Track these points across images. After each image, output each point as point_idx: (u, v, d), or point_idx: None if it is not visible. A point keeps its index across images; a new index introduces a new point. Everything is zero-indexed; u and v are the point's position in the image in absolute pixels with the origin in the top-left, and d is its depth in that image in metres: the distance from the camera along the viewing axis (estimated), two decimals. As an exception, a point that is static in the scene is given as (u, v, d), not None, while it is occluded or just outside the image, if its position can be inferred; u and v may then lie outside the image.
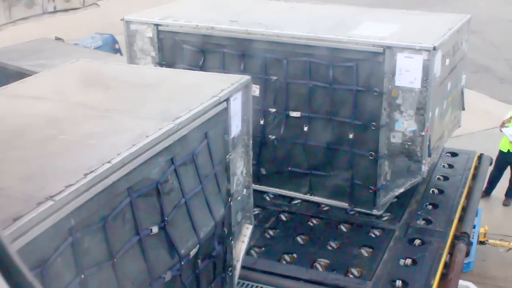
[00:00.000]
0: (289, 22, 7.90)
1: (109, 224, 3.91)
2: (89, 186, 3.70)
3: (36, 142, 4.28)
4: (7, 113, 4.84)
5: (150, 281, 4.38)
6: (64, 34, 16.32)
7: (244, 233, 6.02)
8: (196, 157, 4.89)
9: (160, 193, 4.43)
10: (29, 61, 11.71)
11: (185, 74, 6.46)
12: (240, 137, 5.69)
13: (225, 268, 5.59)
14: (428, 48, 6.90)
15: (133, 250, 4.20)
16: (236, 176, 5.71)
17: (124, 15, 8.21)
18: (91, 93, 5.26)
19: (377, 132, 7.35)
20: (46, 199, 3.45)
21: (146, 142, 4.22)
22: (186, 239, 4.82)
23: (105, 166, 3.85)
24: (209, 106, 4.98)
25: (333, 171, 7.79)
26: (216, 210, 5.25)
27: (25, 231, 3.25)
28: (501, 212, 11.67)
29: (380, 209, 7.73)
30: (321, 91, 7.48)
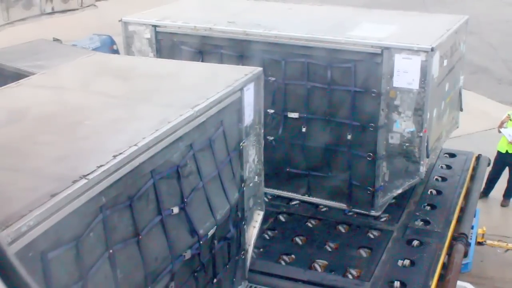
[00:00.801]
0: (287, 23, 7.90)
1: (135, 203, 4.19)
2: (118, 167, 3.97)
3: (64, 128, 4.58)
4: (33, 102, 5.12)
5: (171, 259, 4.65)
6: (62, 35, 16.29)
7: (255, 219, 6.29)
8: (213, 143, 5.17)
9: (180, 176, 4.71)
10: (26, 62, 11.66)
11: (199, 65, 6.66)
12: (253, 126, 5.96)
13: (239, 251, 5.86)
14: (426, 49, 6.91)
15: (156, 228, 4.47)
16: (249, 164, 5.96)
17: (122, 16, 8.20)
18: (111, 84, 5.59)
19: (375, 133, 7.36)
20: (80, 178, 3.71)
21: (168, 127, 4.51)
22: (204, 220, 5.11)
23: (132, 149, 4.13)
24: (224, 95, 5.25)
25: (331, 172, 7.80)
26: (231, 194, 5.54)
27: (62, 206, 3.49)
28: (499, 213, 11.66)
29: (379, 210, 7.73)
30: (319, 92, 7.49)
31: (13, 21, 12.74)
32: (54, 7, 13.37)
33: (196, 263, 5.08)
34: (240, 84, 5.50)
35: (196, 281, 5.12)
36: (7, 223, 3.22)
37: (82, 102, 5.11)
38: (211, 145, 5.16)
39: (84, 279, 3.75)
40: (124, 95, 5.28)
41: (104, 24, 19.49)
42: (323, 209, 8.00)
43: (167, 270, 4.64)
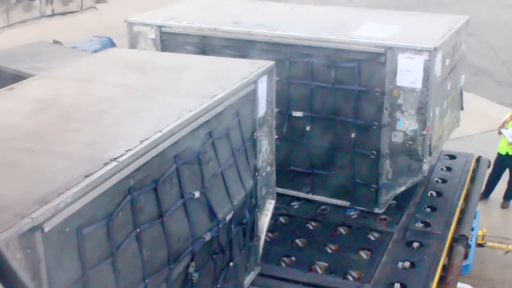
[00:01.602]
0: (291, 24, 7.97)
1: (160, 186, 4.49)
2: (145, 151, 4.26)
3: (90, 116, 4.87)
4: (58, 93, 5.43)
5: (192, 240, 4.94)
6: (62, 37, 16.30)
7: (267, 207, 6.54)
8: (230, 132, 5.47)
9: (200, 162, 5.01)
10: (26, 64, 11.64)
11: (214, 59, 6.83)
12: (265, 118, 6.22)
13: (252, 237, 6.13)
14: (429, 49, 6.98)
15: (178, 211, 4.77)
16: (262, 153, 6.23)
17: (122, 18, 8.21)
18: (130, 76, 5.88)
19: (378, 132, 7.45)
20: (111, 160, 3.99)
21: (190, 115, 4.80)
22: (222, 205, 5.41)
23: (157, 135, 4.41)
24: (240, 87, 5.54)
25: (335, 170, 7.87)
26: (246, 182, 5.83)
27: (95, 186, 3.78)
28: (499, 214, 11.66)
29: (382, 208, 7.80)
30: (323, 91, 7.56)
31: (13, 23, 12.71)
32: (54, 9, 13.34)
33: (214, 246, 5.35)
34: (254, 76, 5.78)
35: (214, 263, 5.40)
36: (46, 199, 3.49)
37: (105, 93, 5.39)
38: (228, 134, 5.46)
39: (114, 256, 4.04)
40: (145, 87, 5.57)
41: (104, 26, 19.52)
42: (323, 211, 8.00)
43: (188, 250, 4.92)
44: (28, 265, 3.38)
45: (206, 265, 5.28)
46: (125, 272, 4.17)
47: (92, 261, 3.88)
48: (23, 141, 4.37)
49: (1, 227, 3.22)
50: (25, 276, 2.29)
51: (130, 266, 4.26)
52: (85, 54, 14.11)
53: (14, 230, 3.25)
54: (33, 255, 3.38)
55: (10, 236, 3.23)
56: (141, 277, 4.36)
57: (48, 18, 13.45)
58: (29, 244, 3.35)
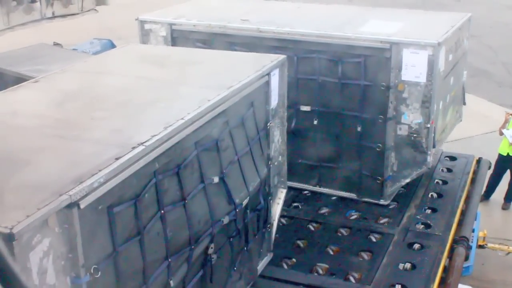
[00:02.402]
0: (299, 21, 8.15)
1: (182, 171, 4.78)
2: (169, 137, 4.56)
3: (115, 106, 5.18)
4: (82, 85, 5.76)
5: (211, 223, 5.23)
6: (63, 40, 16.30)
7: (279, 196, 6.78)
8: (245, 122, 5.76)
9: (219, 149, 5.31)
10: (27, 66, 11.64)
11: (228, 53, 7.13)
12: (278, 109, 6.47)
13: (265, 224, 6.39)
14: (433, 44, 7.17)
15: (199, 195, 5.06)
16: (274, 143, 6.49)
17: (123, 20, 8.27)
18: (149, 69, 6.19)
19: (384, 125, 7.64)
20: (138, 145, 4.28)
21: (209, 104, 5.09)
22: (239, 191, 5.69)
23: (179, 122, 4.72)
24: (254, 79, 5.82)
25: (342, 163, 8.04)
26: (261, 169, 6.11)
27: (124, 168, 4.07)
28: (500, 216, 11.65)
29: (387, 199, 7.98)
30: (330, 86, 7.73)
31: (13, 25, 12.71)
32: (54, 11, 13.34)
33: (232, 229, 5.64)
34: (267, 69, 6.06)
35: (231, 247, 5.67)
36: (81, 179, 3.78)
37: (126, 85, 5.71)
38: (244, 124, 5.74)
39: (141, 234, 4.32)
40: (164, 79, 5.91)
41: (104, 28, 19.54)
42: (324, 213, 8.01)
43: (208, 232, 5.20)
44: (65, 239, 3.65)
45: (224, 248, 5.55)
46: (150, 250, 4.44)
47: (121, 238, 4.14)
48: (53, 129, 4.67)
49: (41, 204, 3.49)
50: (25, 279, 2.39)
51: (155, 245, 4.52)
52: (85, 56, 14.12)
53: (53, 206, 3.53)
54: (70, 229, 3.66)
55: (49, 211, 3.50)
56: (165, 256, 4.65)
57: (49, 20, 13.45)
58: (66, 220, 3.64)
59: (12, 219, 3.32)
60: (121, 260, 4.14)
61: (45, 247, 3.53)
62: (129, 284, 4.29)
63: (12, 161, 4.14)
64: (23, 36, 13.94)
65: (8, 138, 4.56)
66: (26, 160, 4.13)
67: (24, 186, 3.78)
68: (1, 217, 3.33)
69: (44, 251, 3.53)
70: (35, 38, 14.52)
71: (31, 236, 3.41)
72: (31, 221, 3.37)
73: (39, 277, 3.50)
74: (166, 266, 4.66)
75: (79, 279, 3.75)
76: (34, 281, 3.46)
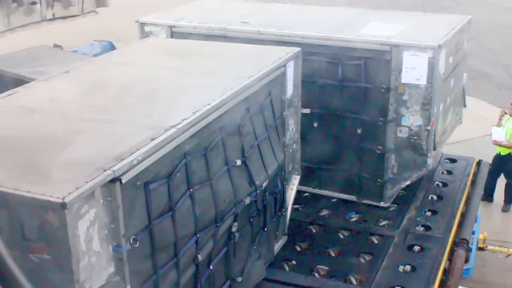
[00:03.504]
0: (299, 23, 8.16)
1: (208, 153, 5.16)
2: (197, 120, 4.93)
3: (144, 93, 5.54)
4: (110, 75, 6.13)
5: (235, 202, 5.59)
6: (63, 41, 16.30)
7: (293, 182, 7.12)
8: (264, 110, 6.10)
9: (241, 134, 5.67)
10: (27, 68, 11.63)
11: (246, 46, 7.30)
12: (292, 99, 6.81)
13: (281, 207, 6.73)
14: (433, 46, 7.19)
15: (224, 176, 5.44)
16: (289, 132, 6.82)
17: (123, 22, 8.28)
18: (172, 60, 6.55)
19: (384, 127, 7.65)
20: (170, 127, 4.66)
21: (232, 92, 5.46)
22: (259, 173, 6.02)
23: (206, 107, 5.09)
24: (272, 69, 6.18)
25: (342, 165, 8.05)
26: (278, 155, 6.44)
27: (159, 148, 4.44)
28: (500, 218, 11.63)
29: (387, 201, 7.98)
30: (330, 88, 7.75)
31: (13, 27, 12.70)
32: (54, 13, 13.33)
33: (253, 209, 5.98)
34: (283, 60, 6.42)
35: (252, 226, 6.03)
36: (121, 157, 4.14)
37: (153, 75, 6.06)
38: (262, 111, 6.08)
39: (173, 210, 4.69)
40: (187, 69, 6.26)
41: (105, 30, 19.54)
42: (324, 215, 8.01)
43: (232, 212, 5.56)
44: (108, 210, 4.02)
45: (245, 227, 5.92)
46: (181, 225, 4.82)
47: (156, 213, 4.50)
48: (89, 114, 5.03)
49: (88, 177, 3.85)
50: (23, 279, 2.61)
51: (185, 221, 4.89)
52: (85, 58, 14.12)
53: (99, 180, 3.88)
54: (113, 202, 4.02)
55: (96, 184, 3.85)
56: (193, 232, 5.02)
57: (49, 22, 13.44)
58: (109, 193, 4.00)
59: (63, 191, 3.67)
60: (156, 232, 4.50)
61: (91, 217, 3.90)
62: (162, 255, 4.65)
63: (56, 142, 4.51)
64: (23, 38, 13.94)
65: (49, 122, 4.92)
66: (69, 141, 4.49)
67: (70, 163, 4.13)
68: (53, 189, 3.69)
69: (91, 220, 3.89)
70: (35, 40, 14.53)
71: (79, 206, 3.77)
72: (80, 192, 3.72)
73: (86, 244, 3.85)
74: (194, 241, 5.03)
75: (120, 248, 4.12)
76: (82, 247, 3.81)
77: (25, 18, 12.82)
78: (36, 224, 3.71)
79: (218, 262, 5.48)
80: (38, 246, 3.75)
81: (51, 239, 3.72)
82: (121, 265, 4.18)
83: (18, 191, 3.72)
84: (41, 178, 3.92)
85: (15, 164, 4.16)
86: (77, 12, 13.91)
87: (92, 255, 3.93)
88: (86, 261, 3.87)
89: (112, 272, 4.15)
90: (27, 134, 4.66)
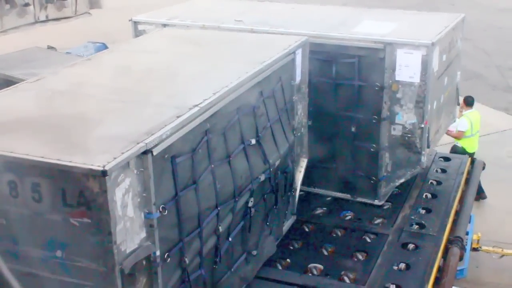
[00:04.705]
0: (292, 22, 8.17)
1: (226, 132, 5.54)
2: (218, 101, 5.32)
3: (165, 77, 5.99)
4: (131, 62, 6.53)
5: (251, 179, 5.99)
6: (57, 43, 16.28)
7: (301, 164, 7.44)
8: (275, 94, 6.46)
9: (255, 115, 6.05)
10: (21, 70, 11.60)
11: (255, 35, 7.59)
12: (301, 85, 7.15)
13: (291, 188, 7.14)
14: (426, 44, 7.21)
15: (240, 154, 5.82)
16: (297, 116, 7.17)
17: (117, 24, 8.28)
18: (188, 48, 7.00)
19: (378, 125, 7.66)
20: (193, 106, 5.05)
21: (247, 76, 5.85)
22: (272, 153, 6.40)
23: (225, 89, 5.48)
24: (283, 56, 6.57)
25: (336, 163, 8.06)
26: (289, 136, 6.86)
27: (184, 125, 4.83)
28: (493, 219, 11.64)
29: (382, 199, 8.01)
30: (324, 86, 7.74)
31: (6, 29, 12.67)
32: (48, 15, 13.31)
33: (267, 186, 6.39)
34: (293, 48, 6.79)
35: (265, 203, 6.42)
36: (152, 132, 4.53)
37: (171, 61, 6.49)
38: (274, 95, 6.44)
39: (196, 183, 5.07)
40: (203, 55, 6.66)
41: (98, 31, 19.51)
42: (318, 213, 8.00)
43: (248, 188, 5.95)
44: (141, 180, 4.39)
45: (260, 203, 6.30)
46: (204, 198, 5.20)
47: (182, 184, 4.88)
48: (116, 95, 5.42)
49: (124, 149, 4.23)
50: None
51: (207, 194, 5.27)
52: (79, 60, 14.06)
53: (133, 151, 4.27)
54: (145, 172, 4.40)
55: (131, 155, 4.24)
56: (215, 205, 5.40)
57: (42, 23, 13.42)
58: (142, 164, 4.37)
59: (103, 160, 4.04)
60: (181, 203, 4.87)
61: (127, 185, 4.25)
62: (187, 225, 5.01)
63: (88, 119, 4.89)
64: (17, 40, 13.92)
65: (80, 103, 5.28)
66: (100, 119, 4.88)
67: (105, 137, 4.50)
68: (93, 160, 4.06)
69: (126, 188, 4.24)
70: (28, 42, 14.51)
71: (117, 175, 4.13)
72: (117, 162, 4.09)
73: (121, 209, 4.21)
74: (216, 213, 5.42)
75: (151, 215, 4.49)
76: (118, 212, 4.17)
77: (18, 20, 12.79)
78: (78, 191, 4.08)
79: (236, 235, 5.87)
80: (79, 211, 4.12)
81: (92, 204, 4.07)
82: (152, 231, 4.54)
83: (61, 161, 4.08)
84: (81, 151, 4.25)
85: (54, 139, 4.52)
86: (70, 14, 13.88)
87: (127, 220, 4.29)
88: (122, 226, 4.22)
89: (144, 237, 4.50)
90: (61, 113, 5.04)
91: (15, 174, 4.22)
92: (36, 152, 4.20)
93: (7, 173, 4.24)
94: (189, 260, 5.08)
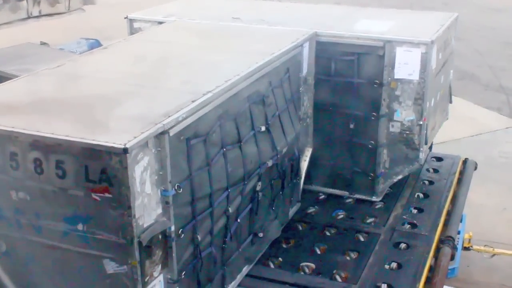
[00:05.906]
0: (290, 19, 8.19)
1: (237, 118, 5.78)
2: (230, 88, 5.56)
3: (179, 65, 6.28)
4: (146, 50, 6.88)
5: (260, 164, 6.24)
6: (49, 39, 16.21)
7: (306, 153, 7.69)
8: (283, 84, 6.72)
9: (264, 104, 6.30)
10: (13, 65, 11.54)
11: (264, 28, 7.84)
12: (307, 77, 7.42)
13: (296, 175, 7.41)
14: (426, 42, 7.26)
15: (250, 139, 6.07)
16: (303, 107, 7.46)
17: (110, 20, 8.26)
18: (199, 39, 7.32)
19: (376, 122, 7.70)
20: (207, 92, 5.28)
21: (258, 65, 6.12)
22: (280, 140, 6.67)
23: (236, 77, 5.72)
24: (291, 48, 6.83)
25: (334, 160, 8.09)
26: (296, 125, 7.11)
27: (198, 109, 5.06)
28: (485, 218, 11.68)
29: (379, 196, 8.08)
30: (323, 83, 7.75)
31: (-1, 24, 12.65)
32: (41, 10, 13.30)
33: (274, 171, 6.64)
34: (301, 41, 7.05)
35: (272, 189, 6.67)
36: (168, 114, 4.76)
37: (184, 51, 6.80)
38: (282, 85, 6.68)
39: (209, 166, 5.31)
40: (214, 46, 6.97)
41: (91, 28, 19.45)
42: (310, 212, 8.00)
43: (256, 172, 6.19)
44: (158, 159, 4.62)
45: (266, 188, 6.53)
46: (216, 179, 5.44)
47: (195, 166, 5.11)
48: (134, 80, 5.71)
49: (143, 129, 4.47)
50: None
51: (219, 176, 5.51)
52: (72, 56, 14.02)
53: (152, 131, 4.51)
54: (162, 152, 4.64)
55: (149, 135, 4.48)
56: (225, 187, 5.64)
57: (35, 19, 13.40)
58: (159, 144, 4.62)
59: (124, 139, 4.28)
60: (195, 183, 5.12)
61: (145, 163, 4.49)
62: (200, 204, 5.26)
63: (107, 101, 5.17)
64: (9, 35, 13.88)
65: (98, 86, 5.56)
66: (119, 100, 5.16)
67: (125, 118, 4.78)
68: (115, 138, 4.30)
69: (144, 166, 4.48)
70: (21, 37, 14.44)
71: (137, 153, 4.38)
72: (138, 140, 4.33)
73: (140, 186, 4.46)
74: (226, 195, 5.65)
75: (167, 192, 4.75)
76: (137, 188, 4.42)
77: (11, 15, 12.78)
78: (100, 168, 4.34)
79: (244, 217, 6.15)
80: (101, 186, 4.38)
81: (113, 180, 4.34)
82: (167, 208, 4.81)
83: (84, 139, 4.35)
84: (102, 130, 4.53)
85: (76, 119, 4.78)
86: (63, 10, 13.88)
87: (144, 196, 4.55)
88: (140, 201, 4.49)
89: (160, 213, 4.77)
90: (81, 95, 5.35)
91: (41, 152, 4.51)
92: (60, 131, 4.48)
93: (33, 151, 4.53)
94: (201, 238, 5.35)
